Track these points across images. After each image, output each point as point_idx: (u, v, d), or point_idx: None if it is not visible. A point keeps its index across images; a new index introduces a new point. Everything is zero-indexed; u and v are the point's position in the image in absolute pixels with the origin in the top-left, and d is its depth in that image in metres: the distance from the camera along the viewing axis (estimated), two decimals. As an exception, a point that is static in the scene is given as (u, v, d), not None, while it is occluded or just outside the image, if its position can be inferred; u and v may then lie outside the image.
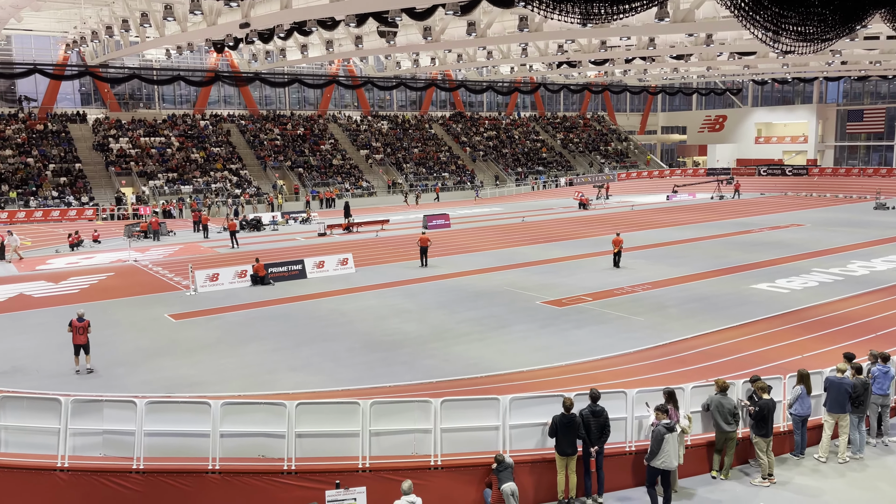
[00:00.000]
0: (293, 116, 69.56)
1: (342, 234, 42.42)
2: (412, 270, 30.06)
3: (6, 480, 10.36)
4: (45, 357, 18.49)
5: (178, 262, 33.05)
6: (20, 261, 33.41)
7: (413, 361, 17.72)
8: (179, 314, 23.16)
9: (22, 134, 54.36)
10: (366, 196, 61.46)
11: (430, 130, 75.48)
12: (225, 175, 57.72)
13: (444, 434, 10.88)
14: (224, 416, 10.55)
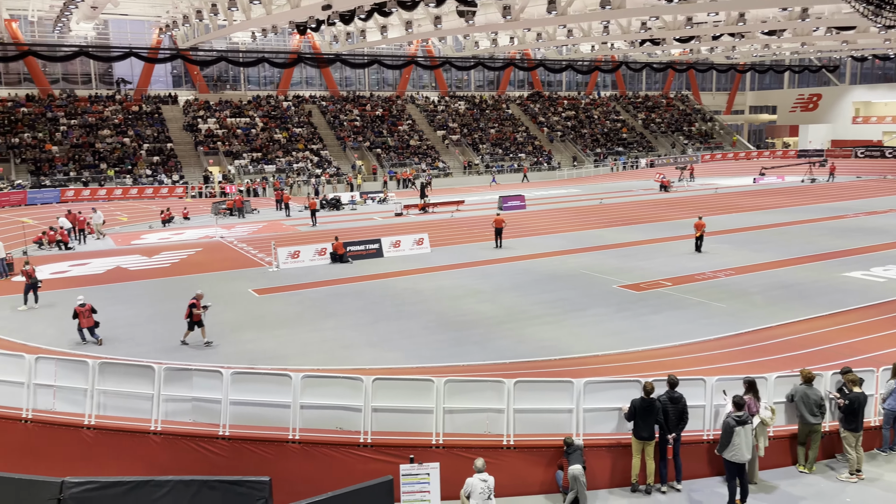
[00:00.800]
0: (372, 97, 70.40)
1: (418, 215, 42.81)
2: (487, 251, 30.08)
3: (105, 441, 11.10)
4: (139, 327, 19.58)
5: (262, 239, 34.20)
6: (101, 239, 34.95)
7: (486, 342, 17.80)
8: (262, 289, 24.02)
9: (119, 115, 57.22)
10: (442, 177, 61.73)
11: (507, 111, 74.91)
12: (306, 155, 59.14)
13: (517, 415, 10.93)
14: (304, 388, 10.94)
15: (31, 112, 54.28)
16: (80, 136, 53.75)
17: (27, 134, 52.21)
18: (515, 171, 64.93)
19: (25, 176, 48.83)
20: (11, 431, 11.39)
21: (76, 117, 55.41)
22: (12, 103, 54.67)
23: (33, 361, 11.65)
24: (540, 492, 10.89)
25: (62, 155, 51.69)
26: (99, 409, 11.33)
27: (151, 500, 9.47)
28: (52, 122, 54.21)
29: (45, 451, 11.24)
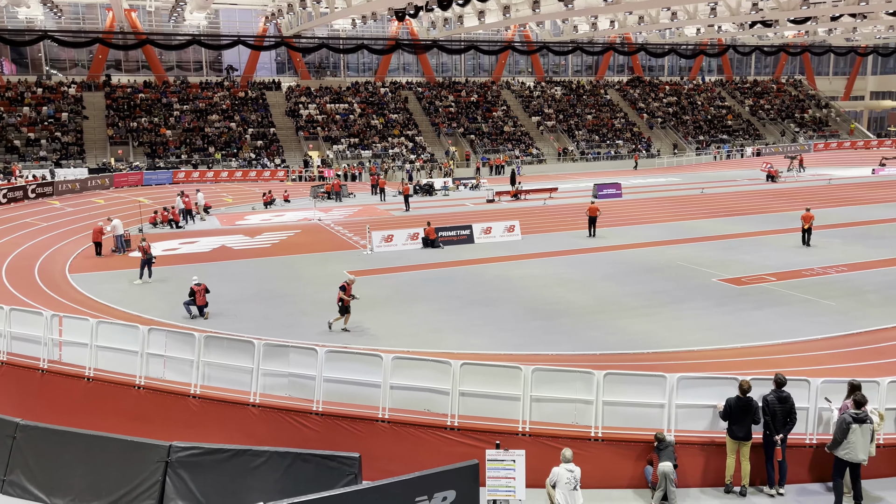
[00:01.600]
0: (467, 83, 70.45)
1: (510, 202, 42.63)
2: (579, 240, 29.61)
3: (209, 410, 11.75)
4: (242, 303, 20.54)
5: (357, 222, 35.05)
6: (204, 219, 36.61)
7: (575, 331, 17.57)
8: (356, 271, 24.62)
9: (226, 101, 59.93)
10: (535, 163, 61.13)
11: (605, 96, 73.17)
12: (401, 141, 59.99)
13: (606, 407, 10.75)
14: (394, 369, 11.17)
15: (147, 98, 57.70)
16: (191, 121, 56.69)
17: (144, 119, 55.55)
18: (612, 159, 63.44)
19: (142, 158, 52.06)
20: (126, 397, 12.25)
21: (188, 103, 58.46)
22: (131, 89, 58.28)
23: (146, 332, 12.46)
24: (628, 486, 10.68)
25: (175, 139, 54.71)
26: (204, 379, 12.00)
27: (249, 468, 9.96)
28: (166, 107, 57.43)
29: (154, 416, 12.03)
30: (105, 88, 57.79)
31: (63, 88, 56.36)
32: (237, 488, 9.89)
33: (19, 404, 12.57)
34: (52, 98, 54.97)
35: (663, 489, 10.12)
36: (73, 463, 10.48)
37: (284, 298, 21.08)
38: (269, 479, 9.90)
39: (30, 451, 10.70)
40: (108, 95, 56.99)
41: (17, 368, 13.09)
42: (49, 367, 12.89)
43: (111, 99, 56.67)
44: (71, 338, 12.99)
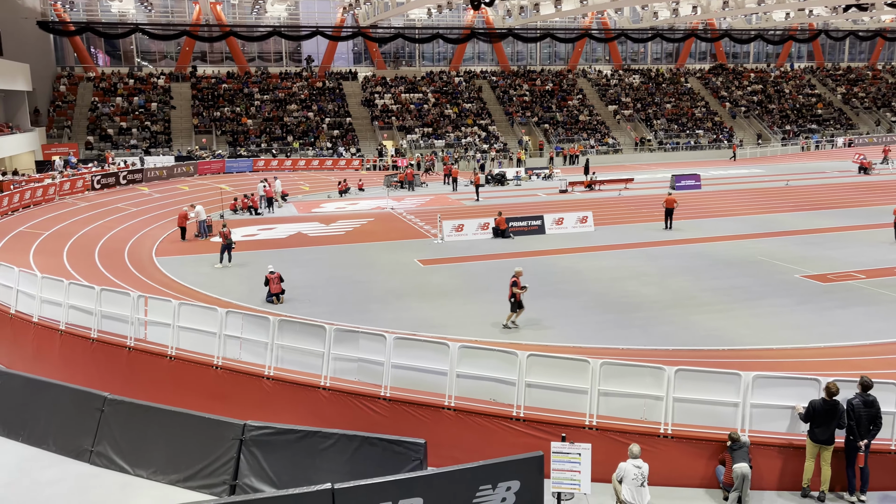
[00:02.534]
0: (542, 72, 69.62)
1: (583, 192, 41.97)
2: (655, 232, 28.89)
3: (281, 391, 12.13)
4: (316, 289, 21.07)
5: (429, 211, 35.30)
6: (281, 206, 37.52)
7: (648, 326, 17.19)
8: (427, 260, 24.85)
9: (305, 90, 61.31)
10: (611, 153, 59.93)
11: (685, 84, 70.89)
12: (474, 130, 59.92)
13: (677, 403, 10.49)
14: (460, 358, 11.22)
15: (230, 88, 59.66)
16: (271, 111, 58.30)
17: (227, 108, 57.50)
18: (692, 149, 61.50)
19: (224, 146, 53.94)
20: (204, 375, 12.79)
21: (268, 93, 60.12)
22: (215, 80, 60.40)
23: (224, 315, 12.95)
24: (699, 485, 10.41)
25: (255, 127, 56.42)
26: (277, 361, 12.39)
27: (319, 449, 10.24)
28: (247, 97, 59.25)
29: (230, 395, 12.51)
30: (191, 79, 60.11)
31: (153, 79, 58.96)
32: (307, 468, 10.18)
33: (107, 379, 13.32)
34: (142, 88, 57.60)
35: (739, 490, 9.81)
36: (155, 437, 11.03)
37: (356, 285, 21.49)
38: (337, 461, 10.14)
39: (116, 424, 11.33)
40: (194, 86, 59.24)
41: (107, 345, 13.86)
42: (135, 345, 13.59)
43: (196, 89, 58.90)
44: (155, 318, 13.65)
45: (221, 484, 10.38)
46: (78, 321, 14.39)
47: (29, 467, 11.24)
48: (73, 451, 11.51)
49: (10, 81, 45.18)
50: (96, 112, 54.03)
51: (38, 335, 14.89)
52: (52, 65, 56.93)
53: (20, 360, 14.88)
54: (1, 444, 11.98)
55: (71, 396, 11.85)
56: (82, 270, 21.70)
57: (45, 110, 53.02)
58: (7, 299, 15.79)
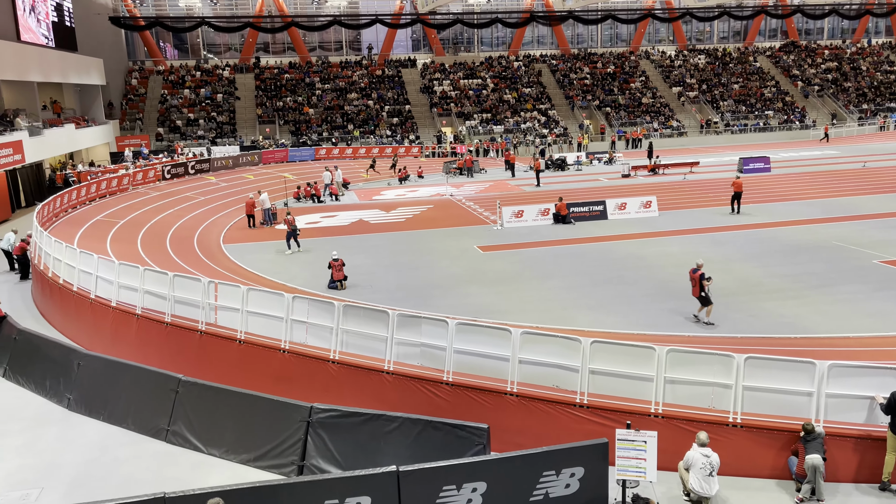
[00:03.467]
0: (604, 54, 68.27)
1: (647, 176, 41.09)
2: (721, 217, 28.06)
3: (346, 375, 12.36)
4: (377, 275, 21.33)
5: (488, 198, 35.20)
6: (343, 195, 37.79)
7: (715, 313, 16.72)
8: (486, 246, 24.82)
9: (364, 79, 61.87)
10: (675, 136, 58.41)
11: (754, 63, 68.34)
12: (534, 115, 59.33)
13: (747, 392, 10.21)
14: (522, 343, 11.19)
15: (292, 78, 60.71)
16: (331, 100, 59.10)
17: (289, 98, 58.56)
18: (760, 131, 59.38)
19: (287, 136, 55.00)
20: (272, 359, 13.14)
21: (329, 82, 60.92)
22: (278, 70, 61.55)
23: (291, 300, 13.25)
24: (769, 476, 10.13)
25: (317, 117, 57.30)
26: (342, 346, 12.62)
27: (383, 432, 10.41)
28: (309, 86, 60.19)
29: (297, 378, 12.82)
30: (254, 70, 61.42)
31: (218, 71, 60.52)
32: (371, 450, 10.37)
33: (180, 362, 13.83)
34: (208, 80, 59.21)
35: (812, 482, 9.51)
36: (226, 418, 11.43)
37: (417, 271, 21.66)
38: (401, 444, 10.29)
39: (190, 405, 11.78)
40: (258, 77, 60.54)
41: (180, 329, 14.38)
42: (206, 329, 14.06)
43: (260, 80, 60.18)
44: (225, 303, 14.08)
45: (290, 464, 10.69)
46: (153, 306, 14.98)
47: (109, 445, 11.81)
48: (150, 430, 12.03)
49: (85, 76, 47.13)
50: (166, 104, 55.86)
51: (116, 319, 15.58)
52: (124, 59, 59.08)
53: (99, 342, 15.60)
54: (84, 423, 12.62)
55: (148, 378, 12.38)
56: (155, 257, 22.56)
57: (118, 103, 55.15)
58: (87, 285, 16.56)
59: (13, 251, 23.32)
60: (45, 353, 14.14)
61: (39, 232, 21.01)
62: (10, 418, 12.90)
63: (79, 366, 13.27)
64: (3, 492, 10.46)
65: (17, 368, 14.61)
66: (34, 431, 12.33)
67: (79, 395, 13.09)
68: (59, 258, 18.20)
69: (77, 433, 12.21)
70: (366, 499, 9.02)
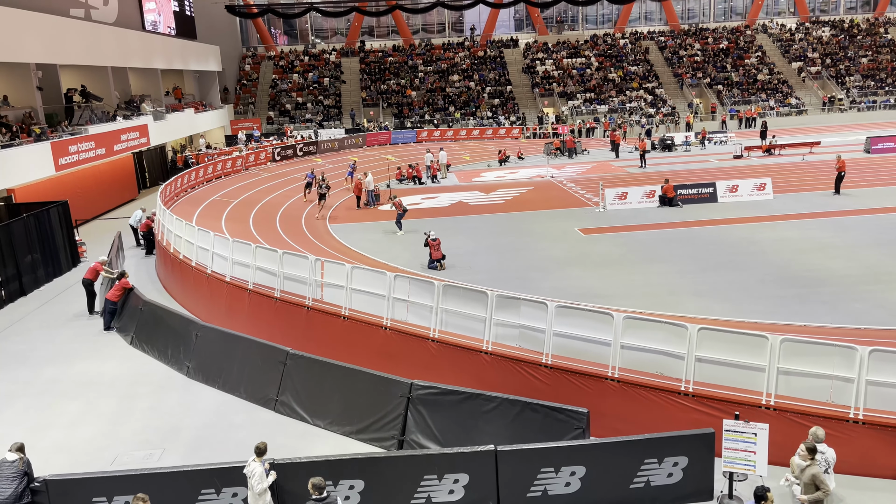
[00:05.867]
0: (716, 29, 64.94)
1: (761, 157, 38.91)
2: (845, 200, 26.23)
3: (446, 353, 12.50)
4: (477, 256, 21.40)
5: (590, 179, 34.47)
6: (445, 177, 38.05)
7: (836, 302, 15.71)
8: (588, 229, 24.34)
9: (466, 60, 61.82)
10: (793, 115, 54.92)
11: (885, 35, 62.99)
12: (640, 94, 57.39)
13: (870, 387, 9.53)
14: (625, 328, 10.91)
15: (396, 61, 61.55)
16: (433, 82, 59.48)
17: (392, 81, 59.43)
18: (892, 108, 54.84)
19: (390, 118, 55.92)
20: (375, 336, 13.48)
21: (431, 64, 61.31)
22: (382, 53, 62.55)
23: (392, 279, 13.52)
24: (894, 476, 9.45)
25: (419, 99, 57.88)
26: (441, 325, 12.76)
27: (481, 411, 10.47)
28: (412, 69, 60.83)
29: (398, 355, 13.09)
30: (359, 54, 62.69)
31: (325, 56, 62.21)
32: (469, 429, 10.46)
33: (289, 336, 14.44)
34: (315, 65, 61.00)
35: (940, 487, 8.80)
36: (331, 390, 11.84)
37: (517, 253, 21.55)
38: (499, 424, 10.32)
39: (297, 377, 12.29)
40: (362, 60, 61.76)
41: (288, 304, 15.00)
42: (313, 305, 14.59)
43: (364, 63, 61.37)
44: (330, 280, 14.55)
45: (390, 438, 10.96)
46: (263, 281, 15.69)
47: (224, 411, 12.53)
48: (260, 399, 12.66)
49: (204, 63, 49.69)
50: (276, 89, 58.05)
51: (230, 293, 16.45)
52: (238, 46, 61.80)
53: (216, 315, 16.52)
54: (201, 390, 13.45)
55: (259, 350, 13.01)
56: (266, 235, 23.60)
57: (232, 88, 57.85)
58: (204, 260, 17.56)
59: (140, 228, 25.06)
60: (168, 324, 15.14)
61: (162, 210, 22.44)
62: (137, 382, 13.93)
63: (197, 336, 14.12)
64: (131, 450, 11.33)
65: (143, 337, 15.73)
66: (158, 395, 13.26)
67: (197, 363, 13.94)
68: (179, 235, 19.38)
69: (195, 399, 13.03)
70: (464, 476, 9.13)
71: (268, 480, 8.67)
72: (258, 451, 8.80)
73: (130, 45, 37.12)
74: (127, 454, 11.17)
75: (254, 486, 8.60)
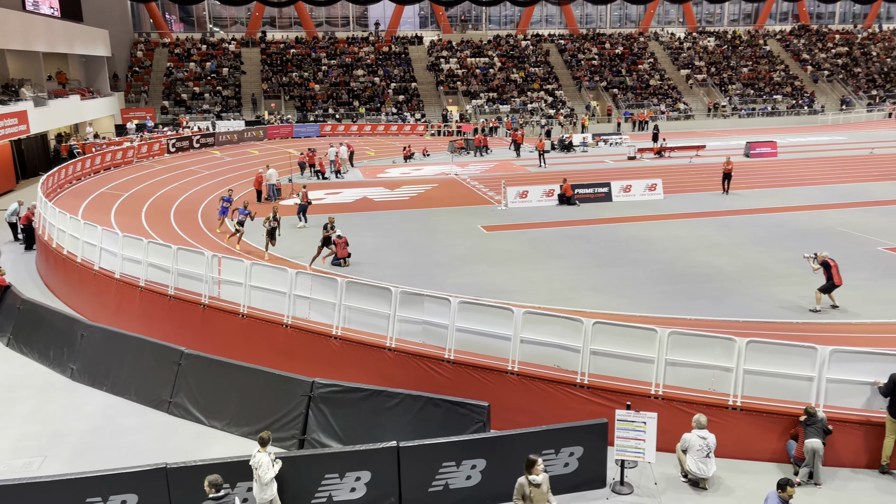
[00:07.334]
0: (612, 35, 67.59)
1: (653, 159, 40.87)
2: (728, 200, 27.96)
3: (348, 351, 12.40)
4: (381, 252, 21.32)
5: (492, 177, 35.07)
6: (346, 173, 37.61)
7: (720, 297, 16.74)
8: (491, 226, 24.77)
9: (371, 55, 61.39)
10: (682, 119, 58.00)
11: (764, 47, 67.60)
12: (541, 95, 58.89)
13: (748, 376, 10.22)
14: (525, 323, 11.20)
15: (298, 53, 60.27)
16: (337, 76, 58.70)
17: (295, 73, 58.18)
18: (769, 115, 58.91)
19: (292, 111, 54.74)
20: (275, 334, 13.18)
21: (335, 58, 60.48)
22: (284, 45, 61.10)
23: (294, 275, 13.26)
24: (768, 459, 10.18)
25: (322, 93, 56.96)
26: (344, 322, 12.64)
27: (384, 407, 10.46)
28: (315, 62, 59.76)
29: (299, 353, 12.86)
30: (261, 44, 60.97)
31: (224, 45, 60.10)
32: (372, 426, 10.43)
33: (183, 335, 13.89)
34: (214, 54, 58.80)
35: (810, 466, 9.56)
36: (228, 391, 11.49)
37: (422, 249, 21.65)
38: (402, 420, 10.35)
39: (192, 378, 11.85)
40: (263, 51, 60.10)
41: (183, 302, 14.42)
42: (209, 303, 14.10)
43: (266, 54, 59.74)
44: (228, 277, 14.10)
45: (291, 438, 10.76)
46: (156, 278, 15.01)
47: (112, 415, 11.90)
48: (153, 402, 12.12)
49: (91, 47, 46.84)
50: (171, 77, 55.55)
51: (119, 291, 15.63)
52: (129, 31, 58.64)
53: (103, 314, 15.66)
54: (87, 393, 12.71)
55: (151, 350, 12.44)
56: (159, 230, 22.57)
57: (123, 75, 54.87)
58: (91, 256, 16.59)
59: (18, 221, 23.36)
60: (49, 323, 14.22)
61: (44, 203, 21.01)
62: (15, 386, 13.00)
63: (82, 336, 13.34)
64: (7, 459, 10.57)
65: (22, 338, 14.70)
66: (38, 400, 12.43)
67: (82, 365, 13.17)
68: (63, 229, 18.22)
69: (81, 403, 12.31)
70: (366, 473, 9.09)
71: (274, 470, 8.59)
72: (262, 441, 8.73)
73: (8, 25, 34.51)
74: (2, 463, 10.41)
75: (261, 477, 8.50)
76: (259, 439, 8.78)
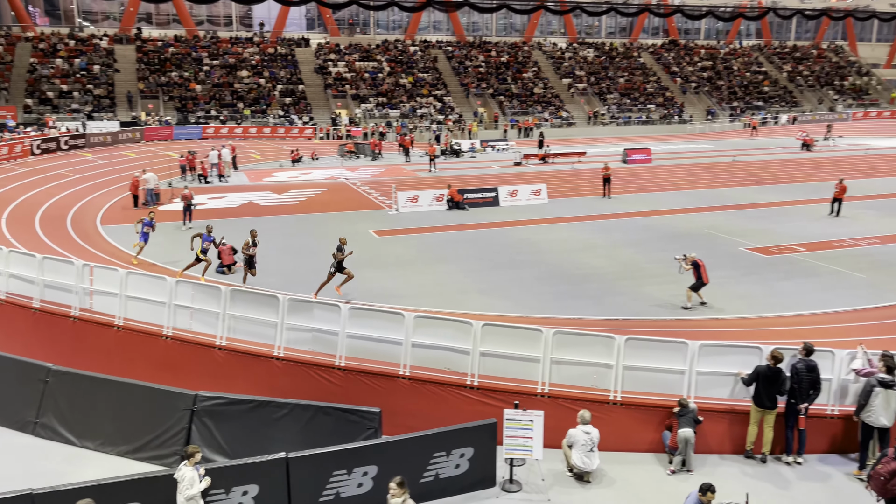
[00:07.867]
0: (498, 43, 69.29)
1: (538, 165, 42.22)
2: (607, 204, 29.33)
3: (234, 361, 11.98)
4: (268, 259, 20.72)
5: (383, 182, 35.02)
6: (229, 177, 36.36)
7: (600, 297, 17.51)
8: (382, 231, 24.72)
9: (256, 56, 59.71)
10: (564, 126, 60.30)
11: (638, 59, 71.55)
12: (430, 101, 59.45)
13: (626, 371, 10.76)
14: (416, 327, 11.25)
15: (178, 52, 57.69)
16: (220, 76, 56.67)
17: (174, 73, 55.65)
18: (643, 124, 62.33)
19: (172, 113, 52.29)
20: (154, 346, 12.53)
21: (218, 58, 58.36)
22: (162, 43, 58.30)
23: (174, 284, 12.66)
24: (647, 450, 10.74)
25: (204, 94, 54.80)
26: (229, 332, 12.21)
27: (272, 419, 10.19)
28: (196, 62, 57.42)
29: (181, 365, 12.29)
30: (136, 42, 57.88)
31: (95, 41, 56.56)
32: (260, 438, 10.13)
33: (51, 350, 12.93)
34: (84, 50, 55.21)
35: (683, 454, 10.16)
36: (103, 408, 10.80)
37: (311, 255, 21.26)
38: (292, 430, 10.11)
39: (61, 396, 11.04)
40: (139, 49, 57.09)
41: (50, 315, 13.43)
42: (80, 315, 13.21)
43: (142, 52, 56.79)
44: (101, 287, 13.27)
45: (172, 455, 10.26)
46: (19, 290, 13.89)
47: (-31, 440, 10.89)
48: (15, 423, 11.22)
49: (-60, 39, 42.74)
50: (35, 74, 51.66)
51: (-25, 305, 14.35)
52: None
53: (-43, 330, 14.33)
54: (-62, 418, 11.56)
55: (12, 367, 11.51)
56: (23, 238, 20.90)
57: (-22, 71, 50.46)
58: (-59, 268, 15.13)
59: None
60: None
61: None
62: None
63: (-69, 356, 12.13)
64: None
65: None
66: None
67: (-68, 388, 11.96)
68: None
69: (-70, 429, 11.18)
70: (253, 487, 8.82)
71: (200, 485, 8.15)
72: (187, 455, 8.32)
73: None
74: None
75: (182, 491, 8.03)
76: (184, 452, 8.51)
